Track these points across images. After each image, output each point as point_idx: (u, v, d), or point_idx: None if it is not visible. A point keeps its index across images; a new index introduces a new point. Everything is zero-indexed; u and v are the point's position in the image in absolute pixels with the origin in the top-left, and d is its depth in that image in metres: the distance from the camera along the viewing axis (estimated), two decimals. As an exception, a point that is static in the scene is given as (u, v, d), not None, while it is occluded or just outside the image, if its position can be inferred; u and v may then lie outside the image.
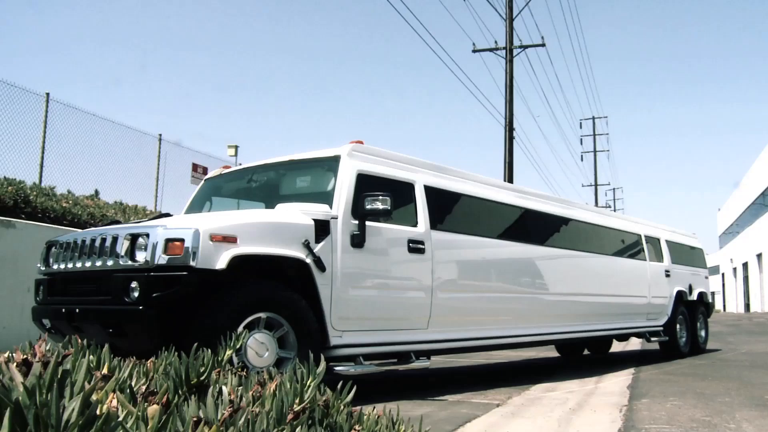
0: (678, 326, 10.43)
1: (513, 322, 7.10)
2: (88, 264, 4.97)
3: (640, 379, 7.32)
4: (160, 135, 13.87)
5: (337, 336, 5.28)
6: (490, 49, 22.23)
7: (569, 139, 60.32)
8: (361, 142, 5.87)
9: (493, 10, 22.00)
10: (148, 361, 2.23)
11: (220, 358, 2.71)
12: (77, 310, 4.90)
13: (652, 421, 4.49)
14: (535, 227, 7.74)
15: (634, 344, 13.54)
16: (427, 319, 6.02)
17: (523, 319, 7.25)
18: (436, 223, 6.18)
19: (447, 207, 6.50)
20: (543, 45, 22.38)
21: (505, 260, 7.05)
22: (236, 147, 16.29)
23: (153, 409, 1.21)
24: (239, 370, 2.65)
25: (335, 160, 5.67)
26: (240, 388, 2.06)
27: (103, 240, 4.89)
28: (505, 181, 17.72)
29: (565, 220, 8.36)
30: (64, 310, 5.00)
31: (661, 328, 10.09)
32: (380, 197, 5.31)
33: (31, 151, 11.46)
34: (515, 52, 21.85)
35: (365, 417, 2.01)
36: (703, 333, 11.51)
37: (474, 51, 22.63)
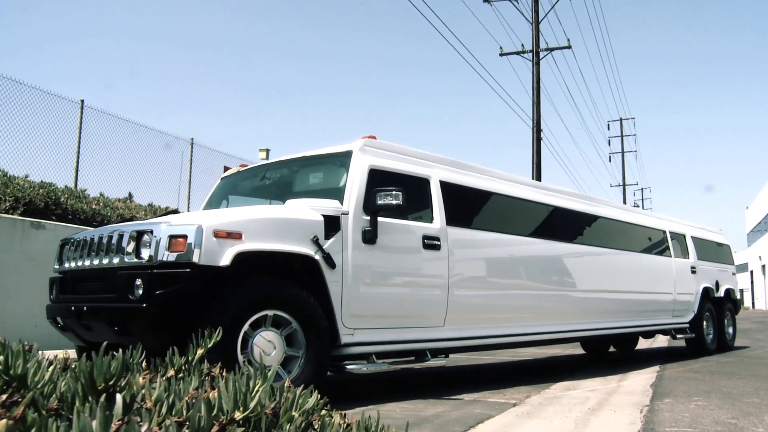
0: (704, 323, 9.89)
1: (533, 319, 6.71)
2: (96, 262, 4.76)
3: (665, 377, 6.86)
4: (192, 139, 13.76)
5: (349, 334, 4.97)
6: (517, 53, 21.80)
7: (597, 140, 59.17)
8: (374, 137, 5.56)
9: (519, 14, 21.52)
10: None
11: (190, 358, 2.42)
12: (85, 308, 4.68)
13: (673, 423, 4.08)
14: (555, 223, 7.33)
15: (661, 341, 12.99)
16: (444, 316, 5.68)
17: (544, 317, 6.86)
18: (452, 219, 5.84)
19: (464, 203, 6.14)
20: (569, 47, 21.90)
21: (524, 257, 6.66)
22: (267, 150, 16.03)
23: (1, 425, 0.92)
24: (211, 370, 2.36)
25: (347, 155, 5.37)
26: (203, 391, 1.77)
27: (110, 238, 4.68)
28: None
29: (586, 216, 7.93)
30: (73, 308, 4.79)
31: (687, 325, 9.57)
32: (392, 192, 5.00)
33: (67, 156, 11.41)
34: (542, 54, 21.38)
35: (329, 426, 1.69)
36: (730, 330, 10.93)
37: (501, 54, 22.23)
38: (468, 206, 6.19)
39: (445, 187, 5.89)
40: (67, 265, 5.17)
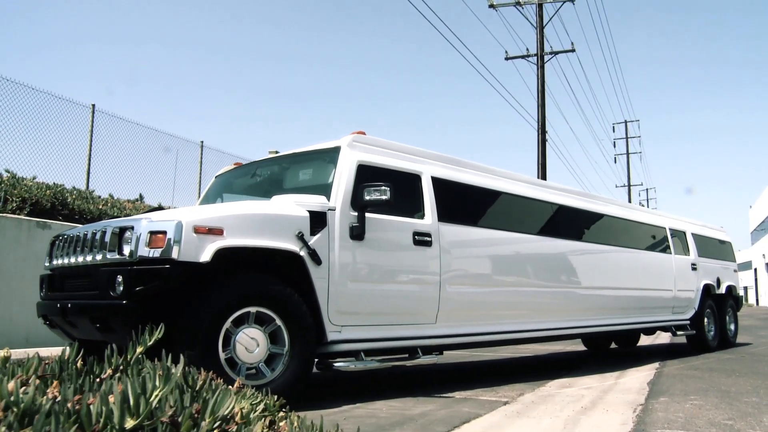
0: (705, 320, 9.49)
1: (529, 316, 6.39)
2: (80, 259, 4.54)
3: (663, 374, 6.52)
4: (202, 142, 13.52)
5: (336, 331, 4.70)
6: (522, 56, 21.47)
7: (601, 142, 58.39)
8: (363, 133, 5.29)
9: (524, 19, 21.16)
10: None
11: (129, 357, 2.16)
12: (69, 305, 4.46)
13: (666, 424, 3.76)
14: (551, 220, 7.00)
15: (664, 338, 12.59)
16: (436, 313, 5.38)
17: (540, 313, 6.53)
18: (444, 215, 5.54)
19: (457, 199, 5.84)
20: (573, 51, 21.54)
21: (519, 254, 6.34)
22: (277, 152, 15.79)
23: None
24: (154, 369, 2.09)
25: (335, 151, 5.10)
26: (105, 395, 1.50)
27: (94, 234, 4.45)
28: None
29: (583, 213, 7.58)
30: (59, 306, 4.57)
31: (688, 322, 9.17)
32: (381, 187, 4.73)
33: (78, 159, 11.22)
34: (546, 58, 21.07)
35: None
36: (732, 327, 10.51)
37: (507, 58, 21.92)
38: (461, 202, 5.89)
39: (437, 183, 5.60)
40: (55, 262, 4.95)
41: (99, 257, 4.32)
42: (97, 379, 2.06)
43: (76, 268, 4.62)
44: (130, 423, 1.28)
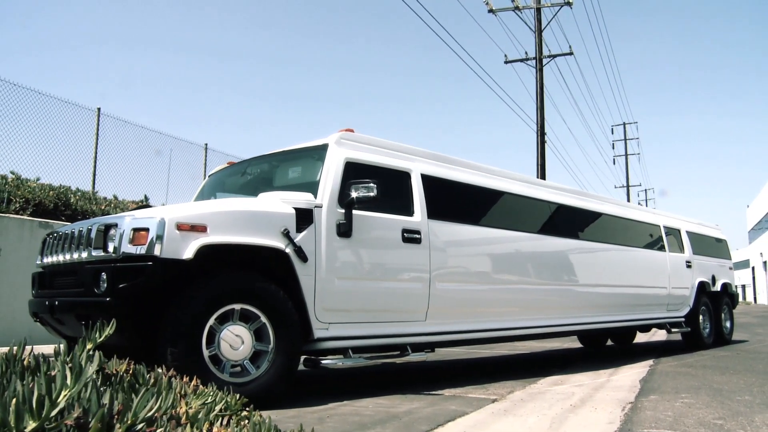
0: (701, 317, 9.25)
1: (521, 313, 6.19)
2: (67, 256, 4.41)
3: (656, 371, 6.31)
4: (206, 144, 13.42)
5: (323, 328, 4.53)
6: (521, 60, 21.28)
7: (600, 143, 57.98)
8: (352, 131, 5.13)
9: (523, 24, 20.98)
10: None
11: (79, 354, 2.00)
12: (56, 303, 4.33)
13: (654, 423, 3.57)
14: (543, 217, 6.80)
15: (661, 335, 12.33)
16: (425, 310, 5.21)
17: (532, 311, 6.33)
18: (434, 212, 5.37)
19: (447, 196, 5.66)
20: (571, 54, 21.32)
21: (510, 251, 6.15)
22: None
23: None
24: (103, 367, 1.93)
25: (323, 148, 4.95)
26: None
27: (81, 232, 4.33)
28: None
29: (576, 210, 7.37)
30: (47, 303, 4.44)
31: (683, 319, 8.94)
32: (367, 184, 4.57)
33: (84, 161, 11.12)
34: (545, 61, 20.85)
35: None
36: (728, 324, 10.26)
37: (506, 62, 21.74)
38: (450, 200, 5.71)
39: (427, 180, 5.43)
40: (46, 259, 4.82)
41: (85, 255, 4.20)
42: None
43: (65, 265, 4.50)
44: (31, 425, 1.12)
